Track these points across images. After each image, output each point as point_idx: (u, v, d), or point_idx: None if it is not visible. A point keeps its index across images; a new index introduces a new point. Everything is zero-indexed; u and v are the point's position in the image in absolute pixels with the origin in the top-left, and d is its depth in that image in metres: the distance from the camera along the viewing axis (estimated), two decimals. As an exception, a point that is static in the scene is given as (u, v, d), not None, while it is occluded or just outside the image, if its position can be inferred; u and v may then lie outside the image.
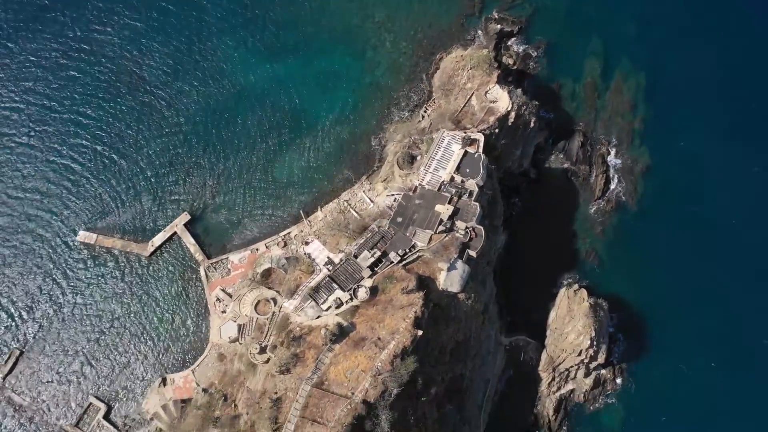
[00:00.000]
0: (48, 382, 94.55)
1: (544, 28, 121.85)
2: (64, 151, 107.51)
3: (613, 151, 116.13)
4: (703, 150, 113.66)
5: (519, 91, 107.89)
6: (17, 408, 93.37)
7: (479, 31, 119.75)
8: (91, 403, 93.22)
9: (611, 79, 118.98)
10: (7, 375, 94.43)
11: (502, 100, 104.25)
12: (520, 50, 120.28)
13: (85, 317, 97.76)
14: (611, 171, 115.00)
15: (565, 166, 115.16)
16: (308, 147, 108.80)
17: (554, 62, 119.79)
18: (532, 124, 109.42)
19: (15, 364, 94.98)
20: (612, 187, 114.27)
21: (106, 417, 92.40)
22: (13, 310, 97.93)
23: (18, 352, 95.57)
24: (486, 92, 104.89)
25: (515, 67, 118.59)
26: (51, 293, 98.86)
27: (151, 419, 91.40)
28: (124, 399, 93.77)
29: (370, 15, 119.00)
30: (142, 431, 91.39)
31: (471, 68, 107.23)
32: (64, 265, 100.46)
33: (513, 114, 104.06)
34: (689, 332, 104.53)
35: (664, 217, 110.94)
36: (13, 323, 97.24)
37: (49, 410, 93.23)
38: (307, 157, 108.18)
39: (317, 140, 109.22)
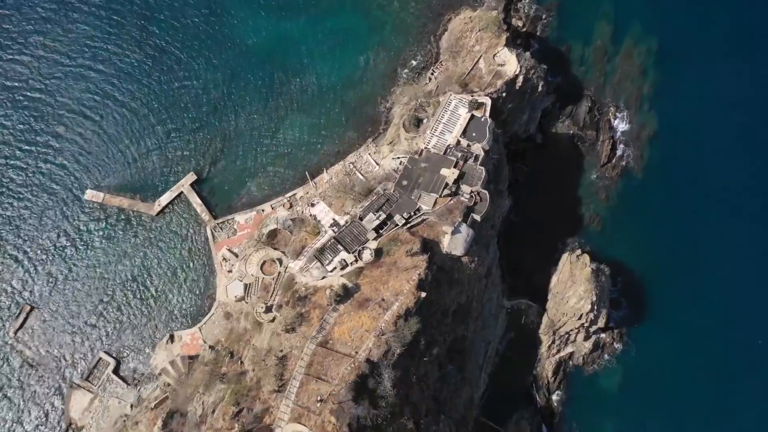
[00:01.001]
0: (58, 337, 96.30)
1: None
2: (72, 106, 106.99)
3: (620, 117, 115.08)
4: (711, 117, 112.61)
5: (527, 54, 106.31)
6: (28, 362, 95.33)
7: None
8: (100, 358, 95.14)
9: (621, 43, 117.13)
10: (18, 329, 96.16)
11: (510, 63, 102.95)
12: (530, 12, 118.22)
13: (94, 274, 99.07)
14: (618, 137, 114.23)
15: (572, 131, 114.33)
16: (314, 108, 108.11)
17: (564, 25, 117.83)
18: (539, 89, 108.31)
19: (26, 319, 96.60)
20: (618, 152, 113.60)
21: (116, 372, 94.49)
22: (24, 266, 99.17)
23: (29, 308, 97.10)
24: (494, 55, 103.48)
25: (524, 30, 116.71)
26: (61, 250, 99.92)
27: (160, 374, 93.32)
28: (133, 354, 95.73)
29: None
30: (150, 386, 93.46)
31: (479, 30, 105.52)
32: (73, 222, 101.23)
33: (521, 78, 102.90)
34: (692, 298, 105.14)
35: (670, 183, 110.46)
36: (25, 279, 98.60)
37: (60, 365, 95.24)
38: (313, 119, 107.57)
39: (324, 101, 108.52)
